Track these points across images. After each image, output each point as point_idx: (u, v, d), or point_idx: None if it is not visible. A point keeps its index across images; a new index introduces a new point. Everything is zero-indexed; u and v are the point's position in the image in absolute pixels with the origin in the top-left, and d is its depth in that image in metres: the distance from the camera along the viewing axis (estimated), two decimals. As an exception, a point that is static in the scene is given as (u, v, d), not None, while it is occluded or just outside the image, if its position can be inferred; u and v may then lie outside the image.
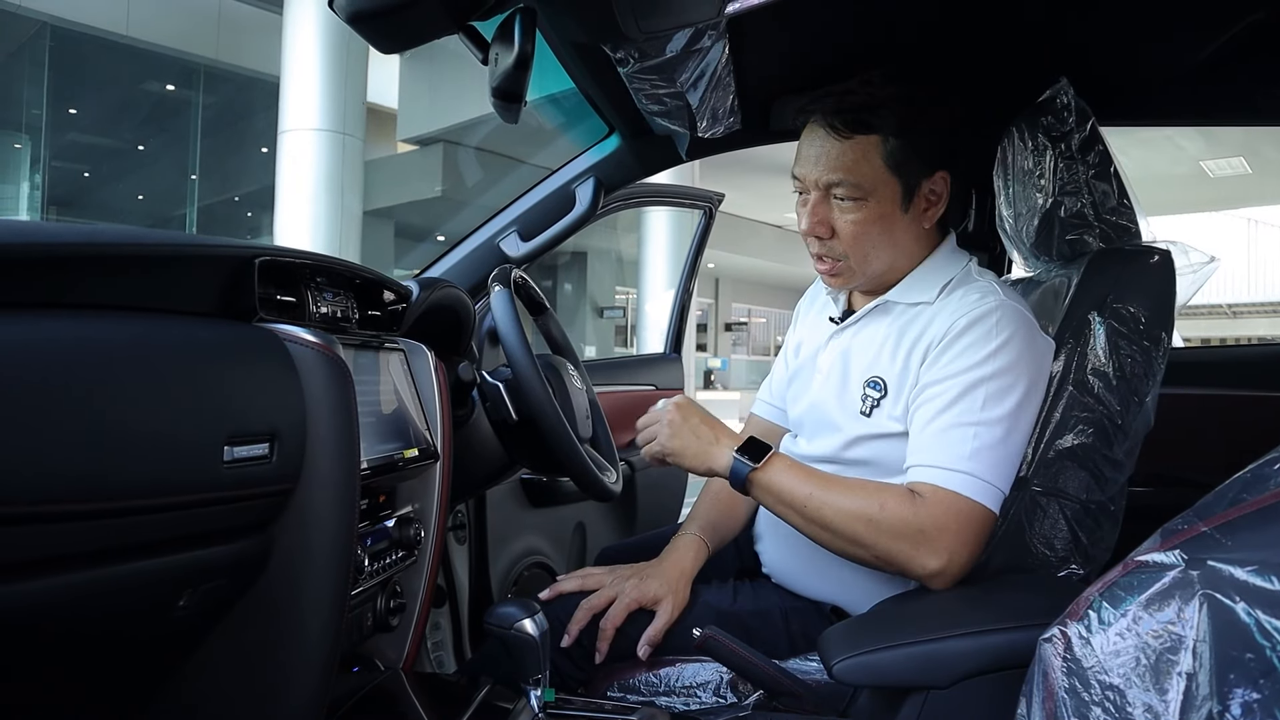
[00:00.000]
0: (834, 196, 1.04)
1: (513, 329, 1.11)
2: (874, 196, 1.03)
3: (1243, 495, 0.65)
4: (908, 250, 1.08)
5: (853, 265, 1.06)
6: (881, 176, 1.02)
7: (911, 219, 1.06)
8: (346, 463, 0.79)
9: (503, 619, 0.86)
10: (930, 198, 1.06)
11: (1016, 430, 0.96)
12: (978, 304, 0.99)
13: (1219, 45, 1.17)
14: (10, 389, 0.50)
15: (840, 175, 1.02)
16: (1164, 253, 1.05)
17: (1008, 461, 0.95)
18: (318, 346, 0.76)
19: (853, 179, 1.02)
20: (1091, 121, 1.13)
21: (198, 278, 0.73)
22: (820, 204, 1.05)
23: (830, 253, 1.06)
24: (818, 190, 1.05)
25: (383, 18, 0.84)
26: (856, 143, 1.02)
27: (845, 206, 1.04)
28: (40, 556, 0.53)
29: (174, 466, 0.61)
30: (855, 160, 1.02)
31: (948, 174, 1.06)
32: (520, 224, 1.49)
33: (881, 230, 1.04)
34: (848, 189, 1.03)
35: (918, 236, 1.08)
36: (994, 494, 0.94)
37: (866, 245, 1.05)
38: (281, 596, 0.77)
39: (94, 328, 0.59)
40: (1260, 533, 0.60)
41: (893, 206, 1.04)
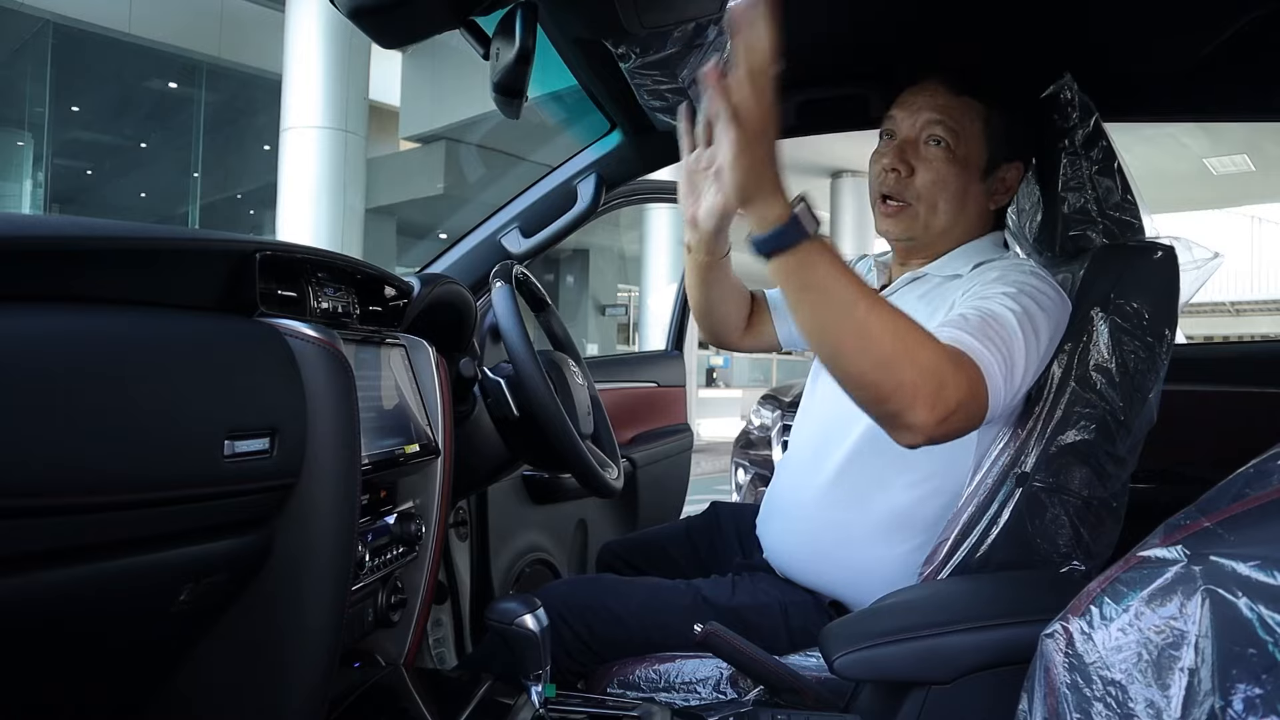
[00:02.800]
0: (926, 141, 1.08)
1: (514, 325, 1.11)
2: (963, 152, 1.07)
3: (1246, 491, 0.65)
4: (968, 224, 1.12)
5: (919, 211, 1.09)
6: (976, 140, 1.08)
7: (983, 194, 1.11)
8: (347, 458, 0.79)
9: (504, 615, 0.86)
10: (1004, 183, 1.11)
11: (1031, 363, 0.94)
12: (1013, 265, 1.03)
13: (1222, 41, 1.16)
14: (9, 381, 0.50)
15: (942, 118, 1.07)
16: (1168, 249, 1.05)
17: (1015, 384, 0.92)
18: (319, 341, 0.76)
19: (951, 125, 1.07)
20: (1095, 117, 1.12)
21: (199, 272, 0.73)
22: (909, 143, 1.09)
23: (903, 192, 1.09)
24: (911, 132, 1.09)
25: (383, 12, 0.84)
26: (965, 102, 1.08)
27: (934, 153, 1.07)
28: (37, 550, 0.53)
29: (174, 460, 0.60)
30: (960, 114, 1.07)
31: (1021, 168, 1.11)
32: (522, 220, 1.49)
33: (958, 188, 1.08)
34: (946, 132, 1.07)
35: (981, 214, 1.12)
36: (998, 398, 0.88)
37: (939, 195, 1.08)
38: (282, 592, 0.77)
39: (94, 321, 0.59)
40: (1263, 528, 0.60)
41: (975, 171, 1.09)
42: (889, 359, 0.80)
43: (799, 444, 1.21)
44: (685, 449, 2.15)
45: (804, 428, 1.21)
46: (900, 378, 0.80)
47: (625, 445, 1.93)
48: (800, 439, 1.21)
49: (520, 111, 0.96)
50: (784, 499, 1.18)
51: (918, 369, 0.81)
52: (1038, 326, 0.95)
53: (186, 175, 11.81)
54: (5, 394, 0.50)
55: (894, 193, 1.10)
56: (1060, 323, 1.01)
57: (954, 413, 0.83)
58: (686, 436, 2.15)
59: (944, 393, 0.82)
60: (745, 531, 1.32)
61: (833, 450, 1.11)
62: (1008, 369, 0.90)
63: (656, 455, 2.01)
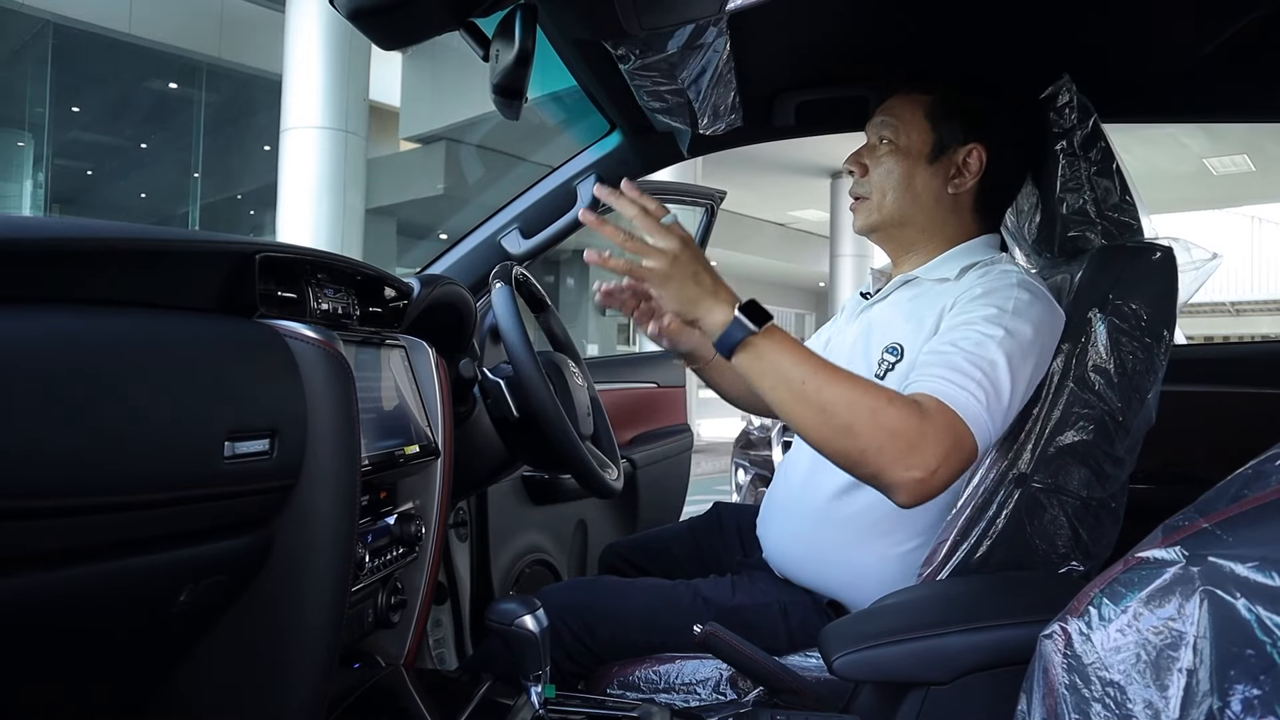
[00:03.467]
0: (879, 143, 1.16)
1: (514, 326, 1.12)
2: (904, 142, 1.14)
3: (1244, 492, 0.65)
4: (925, 208, 1.14)
5: (873, 202, 1.16)
6: (919, 126, 1.14)
7: (933, 175, 1.13)
8: (347, 459, 0.79)
9: (504, 615, 0.86)
10: (961, 166, 1.13)
11: (1019, 387, 0.95)
12: (999, 276, 1.03)
13: (1221, 42, 1.16)
14: (10, 382, 0.50)
15: (885, 117, 1.16)
16: (1166, 249, 1.05)
17: (1003, 413, 0.93)
18: (318, 343, 0.76)
19: (893, 121, 1.15)
20: (1094, 118, 1.12)
21: (199, 273, 0.73)
22: (866, 149, 1.19)
23: (860, 189, 1.18)
24: (870, 138, 1.19)
25: (383, 14, 0.84)
26: (911, 99, 1.16)
27: (882, 150, 1.16)
28: (37, 551, 0.53)
29: (174, 461, 0.61)
30: (902, 109, 1.15)
31: (983, 151, 1.12)
32: (522, 221, 1.49)
33: (903, 173, 1.14)
34: (888, 129, 1.15)
35: (938, 198, 1.14)
36: (986, 434, 0.91)
37: (887, 184, 1.15)
38: (282, 592, 0.77)
39: (94, 323, 0.59)
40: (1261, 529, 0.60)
41: (919, 156, 1.13)
42: (848, 428, 0.86)
43: (799, 444, 1.21)
44: (685, 449, 2.15)
45: None
46: (864, 444, 0.85)
47: (625, 446, 1.93)
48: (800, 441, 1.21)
49: (520, 113, 0.96)
50: (784, 499, 1.18)
51: (880, 432, 0.85)
52: (1024, 347, 0.96)
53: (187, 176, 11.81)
54: (4, 395, 0.50)
55: (853, 191, 1.20)
56: (1053, 333, 1.01)
57: (938, 467, 0.85)
58: (686, 437, 2.15)
59: (917, 450, 0.85)
60: (746, 531, 1.33)
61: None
62: (991, 401, 0.91)
63: (656, 456, 2.02)
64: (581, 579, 1.14)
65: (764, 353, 0.88)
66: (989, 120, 1.13)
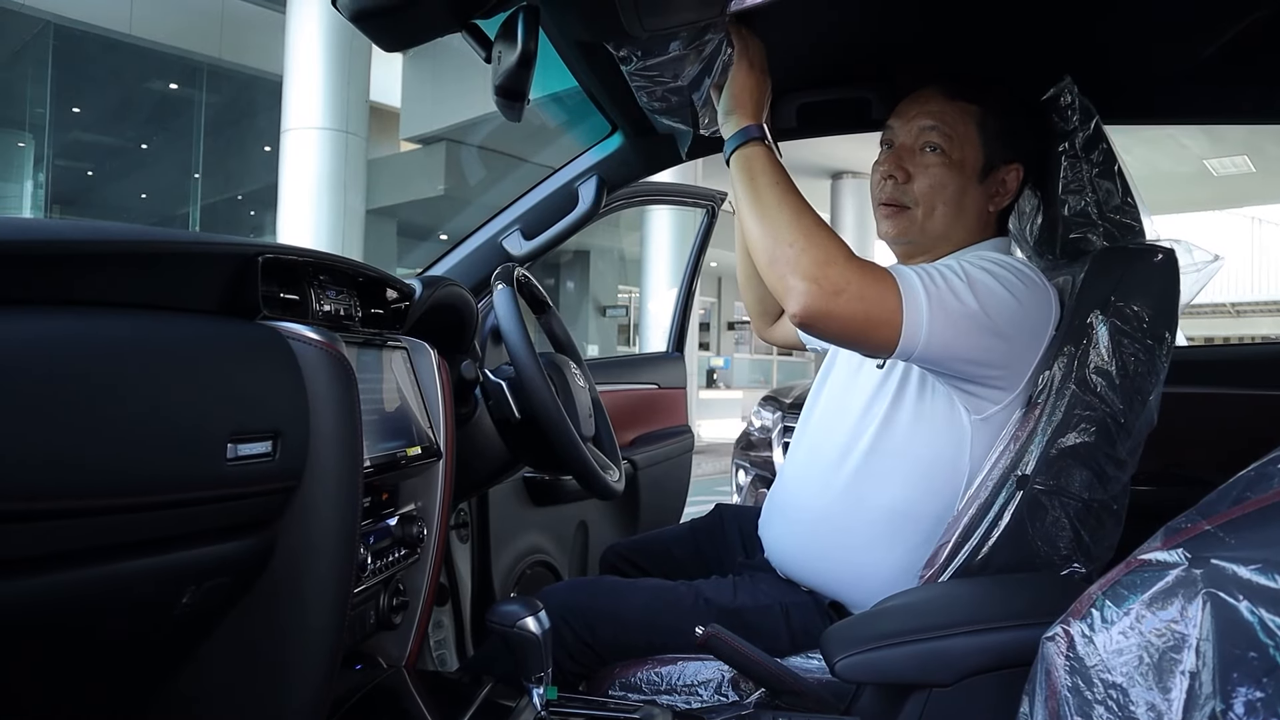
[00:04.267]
0: (922, 148, 1.11)
1: (515, 328, 1.12)
2: (958, 156, 1.10)
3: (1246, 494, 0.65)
4: (967, 226, 1.13)
5: (917, 215, 1.12)
6: (972, 142, 1.11)
7: (981, 195, 1.12)
8: (349, 461, 0.79)
9: (505, 617, 0.86)
10: (1002, 186, 1.13)
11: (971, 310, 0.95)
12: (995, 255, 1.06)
13: (1224, 43, 1.16)
14: (12, 385, 0.50)
15: (937, 123, 1.11)
16: (1168, 251, 1.05)
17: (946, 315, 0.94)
18: (321, 344, 0.76)
19: (946, 130, 1.10)
20: (1095, 119, 1.12)
21: (201, 275, 0.73)
22: (906, 150, 1.13)
23: (901, 197, 1.13)
24: (908, 139, 1.13)
25: (386, 15, 0.84)
26: (959, 106, 1.11)
27: (931, 158, 1.11)
28: (40, 553, 0.53)
29: (177, 463, 0.61)
30: (954, 118, 1.11)
31: (1021, 170, 1.12)
32: (523, 222, 1.49)
33: (955, 190, 1.11)
34: (941, 137, 1.10)
35: (980, 217, 1.14)
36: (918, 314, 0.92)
37: (936, 199, 1.11)
38: (284, 593, 0.77)
39: (97, 325, 0.59)
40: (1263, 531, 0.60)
41: (972, 174, 1.11)
42: (788, 224, 0.95)
43: (800, 446, 1.21)
44: (686, 450, 2.15)
45: (806, 430, 1.22)
46: (791, 237, 0.93)
47: (626, 447, 1.93)
48: (802, 441, 1.21)
49: (522, 114, 0.96)
50: (785, 500, 1.18)
51: (808, 236, 0.93)
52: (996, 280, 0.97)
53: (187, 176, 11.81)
54: (7, 397, 0.50)
55: (892, 198, 1.14)
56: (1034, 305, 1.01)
57: (840, 291, 0.90)
58: (687, 438, 2.15)
59: (830, 265, 0.91)
60: (748, 533, 1.33)
61: (832, 451, 1.12)
62: (932, 289, 0.93)
63: (657, 457, 2.01)
64: (583, 579, 1.14)
65: (756, 157, 1.02)
66: (1028, 138, 1.13)
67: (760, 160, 1.01)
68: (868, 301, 0.91)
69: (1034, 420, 1.02)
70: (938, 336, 0.93)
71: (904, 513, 1.06)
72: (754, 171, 1.00)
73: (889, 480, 1.07)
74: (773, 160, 1.01)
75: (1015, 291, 0.98)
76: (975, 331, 0.96)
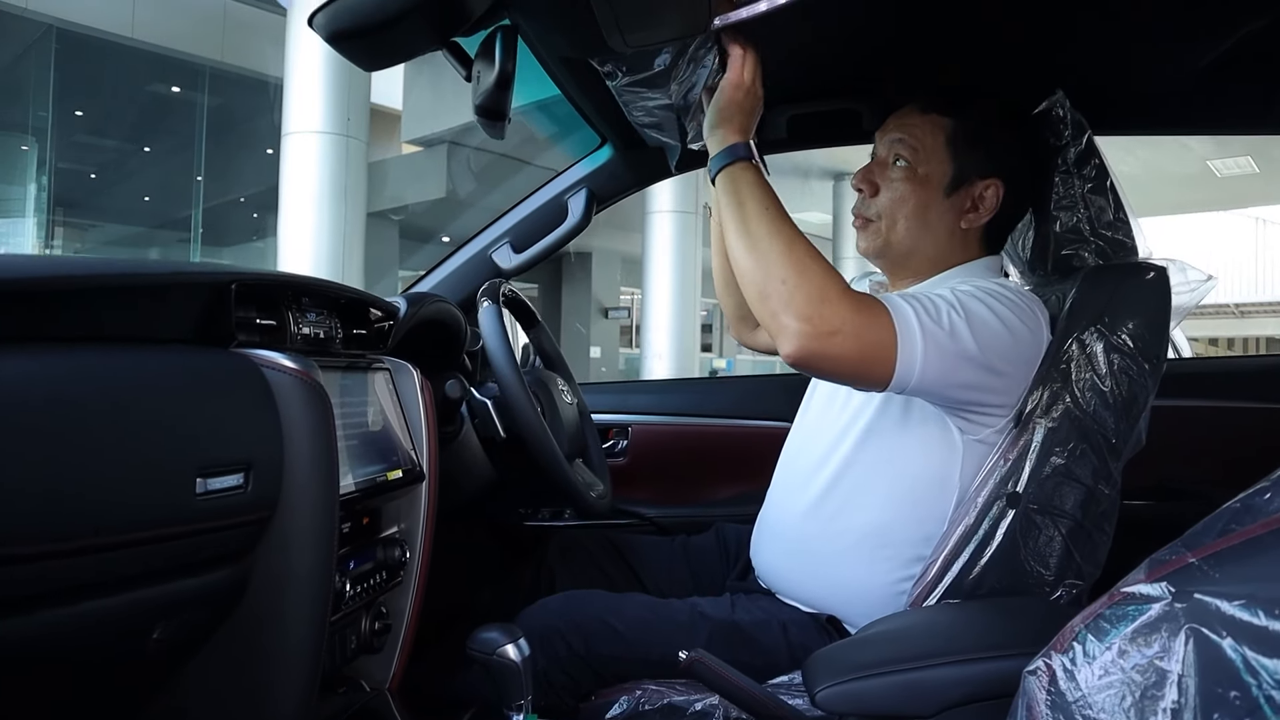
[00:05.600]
0: (893, 161, 1.11)
1: (500, 346, 1.11)
2: (924, 168, 1.09)
3: (1231, 526, 0.63)
4: (937, 241, 1.11)
5: (881, 228, 1.12)
6: (938, 154, 1.09)
7: (949, 209, 1.10)
8: (325, 489, 0.78)
9: (485, 645, 0.85)
10: (976, 201, 1.10)
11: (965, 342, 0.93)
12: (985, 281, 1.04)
13: (1219, 54, 1.15)
14: None
15: (902, 135, 1.10)
16: (1160, 270, 1.04)
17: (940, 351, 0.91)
18: (295, 372, 0.75)
19: (912, 142, 1.09)
20: (1088, 134, 1.11)
21: (174, 305, 0.73)
22: (878, 165, 1.13)
23: (865, 210, 1.13)
24: (881, 152, 1.13)
25: (364, 36, 0.83)
26: (929, 119, 1.10)
27: (896, 171, 1.11)
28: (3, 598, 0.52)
29: (145, 503, 0.60)
30: (922, 131, 1.10)
31: (1001, 187, 1.09)
32: (513, 235, 1.49)
33: (917, 204, 1.09)
34: (907, 150, 1.09)
35: (951, 232, 1.11)
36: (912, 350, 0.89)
37: (898, 212, 1.10)
38: (261, 622, 0.76)
39: (60, 364, 0.58)
40: (1248, 565, 0.59)
41: (937, 187, 1.09)
42: (779, 257, 0.90)
43: (785, 464, 1.20)
44: None
45: (790, 448, 1.21)
46: (783, 274, 0.89)
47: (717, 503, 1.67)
48: (786, 459, 1.21)
49: (505, 132, 0.95)
50: (772, 518, 1.17)
51: (801, 272, 0.89)
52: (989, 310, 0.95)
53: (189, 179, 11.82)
54: None
55: (858, 210, 1.15)
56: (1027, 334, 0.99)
57: (836, 332, 0.87)
58: None
59: (825, 305, 0.88)
60: (734, 549, 1.32)
61: (813, 470, 1.11)
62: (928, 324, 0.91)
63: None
64: (575, 591, 1.13)
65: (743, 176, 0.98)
66: (1010, 154, 1.10)
67: (748, 183, 0.97)
68: (863, 341, 0.89)
69: (1026, 438, 1.01)
70: (932, 373, 0.91)
71: (886, 533, 1.05)
72: (742, 195, 0.96)
73: (873, 499, 1.06)
74: (761, 183, 0.97)
75: (1010, 325, 0.97)
76: (970, 368, 0.94)
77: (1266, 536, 0.60)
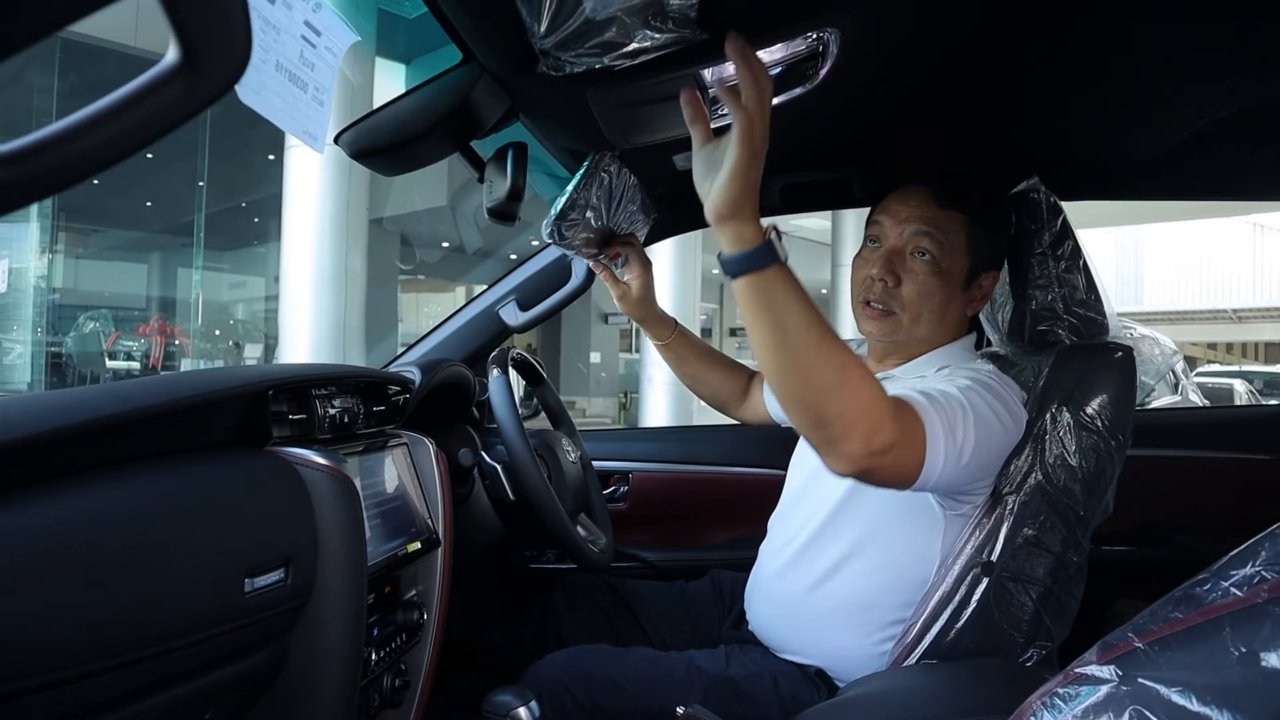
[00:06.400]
0: (913, 253, 1.12)
1: (509, 416, 1.18)
2: (948, 265, 1.11)
3: (1174, 614, 0.70)
4: (946, 332, 1.16)
5: (904, 320, 1.13)
6: (959, 251, 1.12)
7: (963, 301, 1.15)
8: (354, 570, 0.85)
9: (498, 708, 0.92)
10: (981, 290, 1.16)
11: (977, 439, 0.96)
12: (974, 370, 1.08)
13: (1188, 134, 1.22)
14: (38, 567, 0.56)
15: (931, 230, 1.11)
16: (1126, 349, 1.11)
17: (957, 456, 0.94)
18: (326, 469, 0.83)
19: (939, 237, 1.11)
20: (1062, 217, 1.18)
21: (216, 415, 0.80)
22: (896, 254, 1.13)
23: (889, 301, 1.13)
24: (898, 241, 1.13)
25: (385, 153, 0.91)
26: (950, 215, 1.12)
27: (920, 264, 1.11)
28: (73, 711, 0.59)
29: (200, 609, 0.67)
30: (948, 227, 1.11)
31: (997, 276, 1.16)
32: (519, 293, 1.55)
33: (943, 299, 1.12)
34: (933, 245, 1.10)
35: (960, 323, 1.17)
36: (937, 457, 0.92)
37: (924, 306, 1.12)
38: (297, 694, 0.83)
39: (120, 493, 0.64)
40: (1186, 653, 0.66)
41: (958, 282, 1.13)
42: (834, 387, 0.84)
43: (775, 526, 1.27)
44: None
45: (781, 509, 1.28)
46: (841, 407, 0.84)
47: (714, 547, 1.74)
48: (777, 520, 1.27)
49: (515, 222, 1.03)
50: (762, 579, 1.24)
51: (859, 401, 0.85)
52: (989, 407, 1.00)
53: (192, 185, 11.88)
54: (33, 580, 0.56)
55: (880, 300, 1.14)
56: (1014, 426, 1.05)
57: (887, 451, 0.86)
58: None
59: (880, 431, 0.85)
60: (729, 598, 1.39)
61: (799, 536, 1.18)
62: (949, 431, 0.93)
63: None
64: (580, 647, 1.20)
65: (778, 288, 0.83)
66: (1008, 245, 1.17)
67: (784, 296, 0.83)
68: (903, 457, 0.90)
69: (1000, 510, 1.08)
70: (945, 480, 0.96)
71: (873, 600, 1.12)
72: (778, 311, 0.83)
73: (858, 570, 1.12)
74: (798, 293, 0.84)
75: (1004, 423, 1.02)
76: (973, 469, 1.00)
77: (1204, 625, 0.67)
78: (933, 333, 1.15)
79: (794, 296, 0.83)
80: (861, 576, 1.12)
